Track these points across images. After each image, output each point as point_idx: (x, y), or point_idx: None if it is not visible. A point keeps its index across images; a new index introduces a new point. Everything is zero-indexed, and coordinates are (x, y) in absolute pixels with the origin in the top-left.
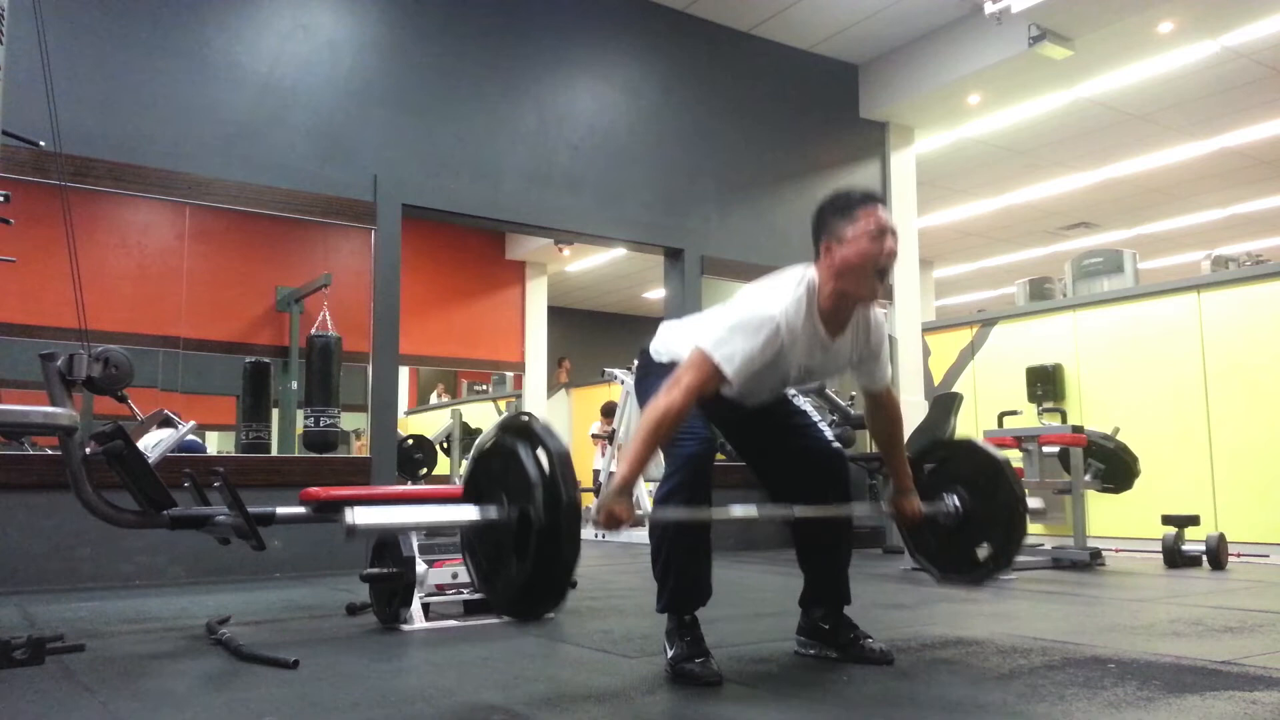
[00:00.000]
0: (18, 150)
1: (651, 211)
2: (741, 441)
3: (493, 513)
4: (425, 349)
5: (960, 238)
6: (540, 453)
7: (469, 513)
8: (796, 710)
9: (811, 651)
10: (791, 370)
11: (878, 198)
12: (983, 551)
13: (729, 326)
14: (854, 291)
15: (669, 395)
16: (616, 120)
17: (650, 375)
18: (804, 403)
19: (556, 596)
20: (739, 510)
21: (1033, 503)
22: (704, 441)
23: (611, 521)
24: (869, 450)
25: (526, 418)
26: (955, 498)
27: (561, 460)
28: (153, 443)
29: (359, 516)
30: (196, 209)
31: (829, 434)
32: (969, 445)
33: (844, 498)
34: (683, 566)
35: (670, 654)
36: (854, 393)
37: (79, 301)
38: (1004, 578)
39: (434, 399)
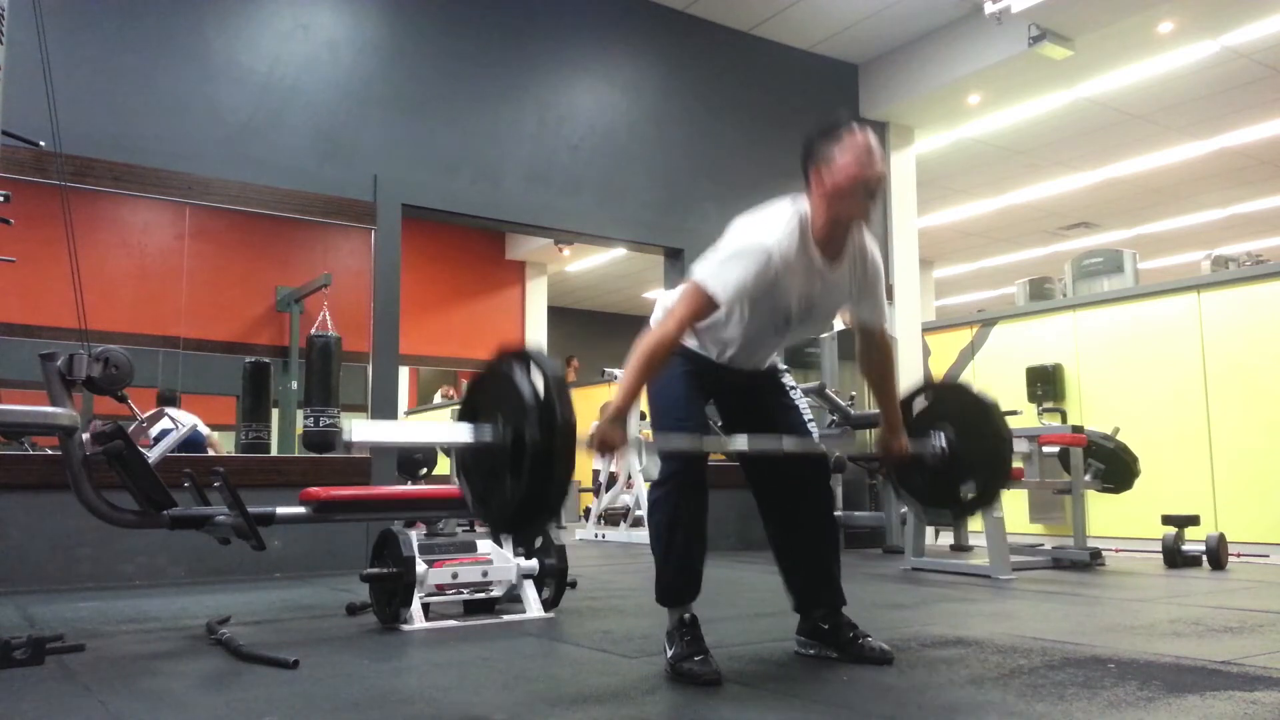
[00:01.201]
0: (18, 150)
1: (651, 211)
2: (733, 415)
3: (488, 434)
4: (425, 349)
5: (960, 238)
6: (536, 376)
7: (465, 433)
8: (796, 710)
9: (811, 651)
10: (792, 302)
11: (864, 122)
12: (968, 489)
13: (721, 259)
14: (846, 214)
15: (663, 326)
16: (616, 120)
17: None
18: (800, 397)
19: (549, 516)
20: (731, 443)
21: (1018, 445)
22: (699, 430)
23: (605, 447)
24: (869, 450)
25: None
26: (943, 437)
27: (557, 383)
28: (158, 431)
29: (357, 433)
30: (196, 209)
31: (816, 432)
32: (958, 387)
33: (823, 493)
34: (680, 556)
35: (670, 653)
36: (854, 393)
37: (79, 301)
38: (1004, 577)
39: (438, 399)
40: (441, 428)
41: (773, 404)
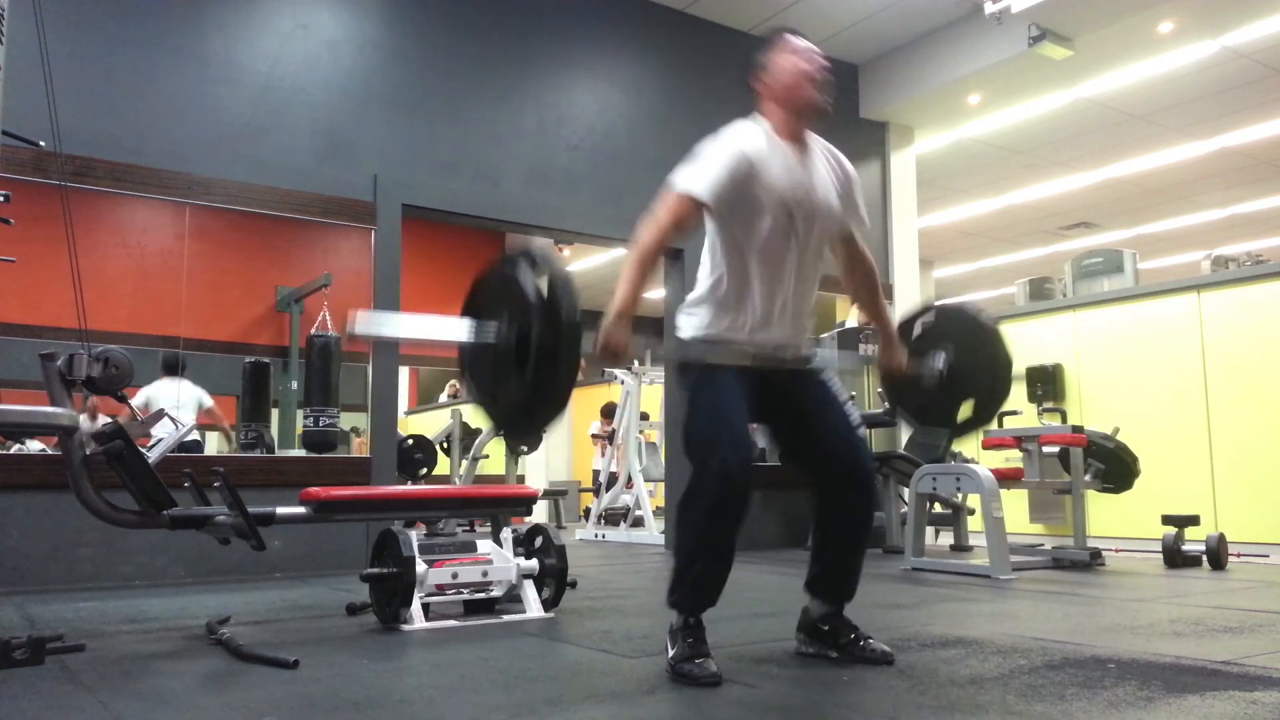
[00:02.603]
0: (18, 150)
1: None
2: (772, 416)
3: (494, 331)
4: (425, 349)
5: (960, 238)
6: (541, 275)
7: (474, 330)
8: (796, 710)
9: (811, 651)
10: (786, 191)
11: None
12: (965, 409)
13: (694, 166)
14: (800, 107)
15: (648, 231)
16: (616, 120)
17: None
18: (846, 399)
19: (555, 412)
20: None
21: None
22: (744, 450)
23: (609, 349)
24: (870, 450)
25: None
26: (942, 356)
27: (563, 282)
28: (160, 432)
29: (360, 324)
30: (196, 209)
31: (855, 415)
32: (960, 309)
33: (868, 487)
34: (697, 580)
35: (671, 653)
36: (853, 392)
37: (79, 301)
38: (1004, 577)
39: (443, 397)
40: (450, 323)
41: (816, 402)
